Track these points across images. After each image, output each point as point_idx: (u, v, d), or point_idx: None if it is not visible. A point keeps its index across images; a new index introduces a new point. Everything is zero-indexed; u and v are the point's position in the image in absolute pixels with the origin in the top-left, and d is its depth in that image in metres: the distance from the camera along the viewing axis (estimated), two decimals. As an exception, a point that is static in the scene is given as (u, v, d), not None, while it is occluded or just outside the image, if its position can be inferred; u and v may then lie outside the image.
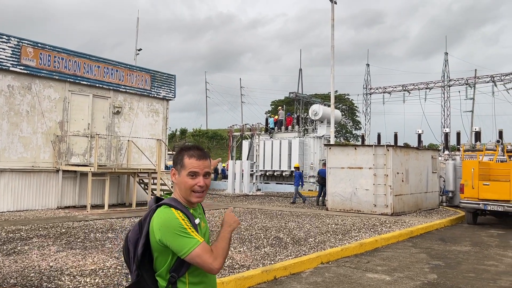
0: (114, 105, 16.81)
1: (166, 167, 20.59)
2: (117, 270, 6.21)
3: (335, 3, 22.46)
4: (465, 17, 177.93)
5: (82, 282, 5.65)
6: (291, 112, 38.61)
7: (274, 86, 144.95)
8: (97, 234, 9.33)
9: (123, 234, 9.44)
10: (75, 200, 15.32)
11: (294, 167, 21.72)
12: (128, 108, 17.44)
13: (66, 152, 15.15)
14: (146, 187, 16.39)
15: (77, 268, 6.28)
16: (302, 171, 27.58)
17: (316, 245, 8.53)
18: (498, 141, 21.12)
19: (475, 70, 42.13)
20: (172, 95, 19.12)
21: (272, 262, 7.00)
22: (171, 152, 30.11)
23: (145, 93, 17.94)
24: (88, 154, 15.82)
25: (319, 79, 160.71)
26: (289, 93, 40.66)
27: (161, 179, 15.67)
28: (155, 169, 15.55)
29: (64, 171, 14.96)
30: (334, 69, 22.08)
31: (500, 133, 28.17)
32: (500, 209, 12.02)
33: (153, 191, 16.12)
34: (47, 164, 14.76)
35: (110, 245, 8.09)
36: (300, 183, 19.82)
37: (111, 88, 16.72)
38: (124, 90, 17.19)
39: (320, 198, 17.82)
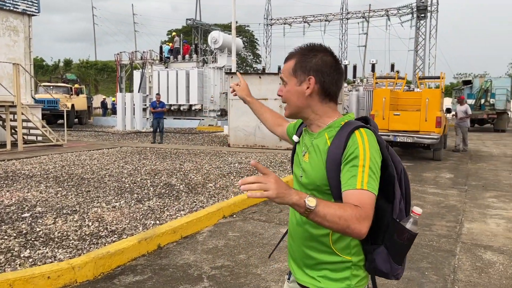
0: (-51, 17, 12.68)
1: (36, 101, 16.95)
2: None
3: None
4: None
5: None
6: (189, 42, 35.47)
7: (173, 15, 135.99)
8: None
9: None
10: None
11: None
12: (-27, 23, 13.38)
13: None
14: (3, 124, 13.06)
15: None
16: (202, 105, 25.68)
17: (217, 193, 6.79)
18: (397, 71, 21.03)
19: (369, 4, 42.40)
20: (36, 8, 15.17)
21: (157, 222, 5.12)
22: (47, 84, 25.66)
23: (-4, 5, 13.88)
24: None
25: (220, 9, 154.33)
26: (186, 19, 37.15)
27: (23, 114, 12.50)
28: (13, 102, 12.27)
29: None
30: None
31: (392, 66, 28.70)
32: (409, 140, 11.41)
33: (14, 129, 12.92)
34: None
35: None
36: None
37: None
38: (-36, -2, 13.02)
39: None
